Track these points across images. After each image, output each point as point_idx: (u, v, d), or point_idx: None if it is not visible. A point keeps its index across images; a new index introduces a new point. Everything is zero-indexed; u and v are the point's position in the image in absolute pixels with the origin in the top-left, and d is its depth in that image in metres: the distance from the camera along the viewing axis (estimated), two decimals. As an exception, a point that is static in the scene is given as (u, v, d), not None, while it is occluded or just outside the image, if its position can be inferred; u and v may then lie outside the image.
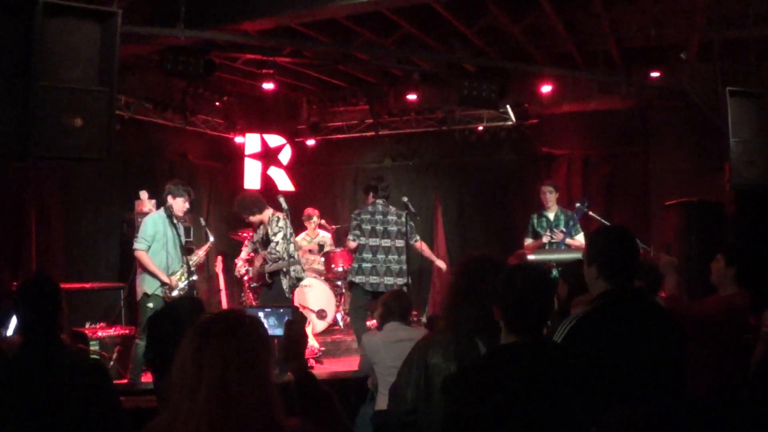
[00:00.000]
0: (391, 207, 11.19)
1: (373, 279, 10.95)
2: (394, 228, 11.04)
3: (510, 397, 3.46)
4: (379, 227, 11.03)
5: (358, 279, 10.97)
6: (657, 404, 3.97)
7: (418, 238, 11.47)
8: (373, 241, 10.95)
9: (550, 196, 11.55)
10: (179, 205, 9.94)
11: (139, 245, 9.60)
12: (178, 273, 9.74)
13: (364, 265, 10.98)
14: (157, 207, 10.85)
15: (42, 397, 4.39)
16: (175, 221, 9.90)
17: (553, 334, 4.26)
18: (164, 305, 4.61)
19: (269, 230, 10.58)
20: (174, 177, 13.90)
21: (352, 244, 10.99)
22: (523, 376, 3.52)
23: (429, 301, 15.84)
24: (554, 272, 10.41)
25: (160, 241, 9.68)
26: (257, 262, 10.84)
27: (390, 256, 11.00)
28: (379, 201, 11.11)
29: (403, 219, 11.03)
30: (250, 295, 12.37)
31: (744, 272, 6.83)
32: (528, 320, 3.77)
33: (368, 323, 11.47)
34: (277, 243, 10.49)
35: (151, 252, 9.62)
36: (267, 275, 10.60)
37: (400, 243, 11.04)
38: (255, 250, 11.18)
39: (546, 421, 3.45)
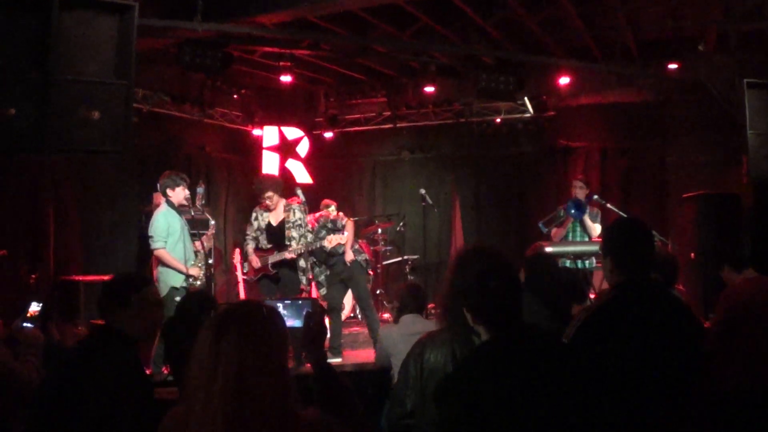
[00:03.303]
0: None
1: None
2: None
3: (501, 398, 3.37)
4: None
5: None
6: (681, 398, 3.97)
7: None
8: None
9: (580, 192, 11.52)
10: (179, 195, 9.88)
11: (157, 244, 9.55)
12: (195, 261, 9.75)
13: None
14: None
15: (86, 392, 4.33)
16: (179, 212, 9.90)
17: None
18: (175, 309, 4.56)
19: (288, 218, 10.57)
20: (190, 170, 13.98)
21: None
22: (510, 374, 3.42)
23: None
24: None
25: (174, 235, 9.65)
26: (284, 254, 10.72)
27: None
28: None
29: None
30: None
31: (763, 264, 6.79)
32: (500, 313, 3.57)
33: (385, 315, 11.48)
34: (298, 231, 10.51)
35: (168, 247, 9.61)
36: (270, 266, 10.59)
37: None
38: (256, 240, 10.95)
39: (541, 416, 3.36)
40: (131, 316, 4.55)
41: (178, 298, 9.31)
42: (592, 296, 9.25)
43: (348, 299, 12.50)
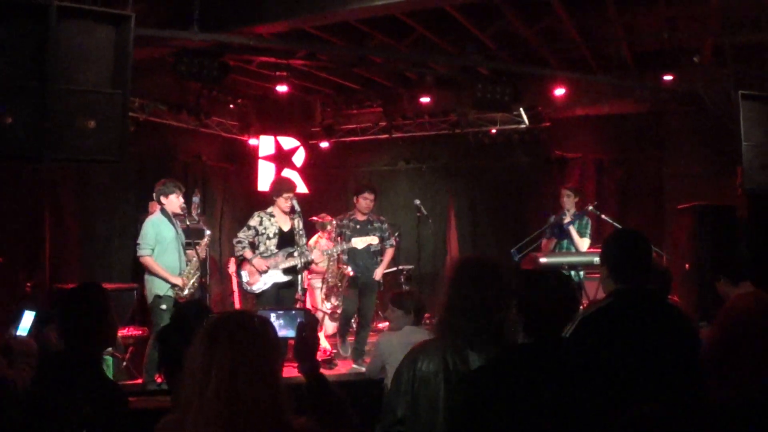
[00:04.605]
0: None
1: None
2: None
3: (525, 396, 3.45)
4: None
5: None
6: (675, 403, 3.98)
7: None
8: None
9: (567, 200, 11.47)
10: (174, 202, 9.82)
11: (143, 251, 9.55)
12: (186, 271, 9.72)
13: None
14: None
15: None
16: (174, 220, 9.88)
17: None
18: (171, 317, 4.53)
19: (293, 225, 10.46)
20: (187, 179, 13.98)
21: None
22: (539, 376, 3.51)
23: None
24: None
25: (163, 243, 9.63)
26: (296, 258, 10.49)
27: None
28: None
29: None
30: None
31: (759, 277, 6.77)
32: (547, 324, 3.76)
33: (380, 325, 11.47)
34: (301, 240, 10.44)
35: (157, 254, 9.56)
36: (283, 272, 10.50)
37: None
38: (253, 246, 10.63)
39: (561, 420, 3.43)
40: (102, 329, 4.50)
41: (163, 306, 9.38)
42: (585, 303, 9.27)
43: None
